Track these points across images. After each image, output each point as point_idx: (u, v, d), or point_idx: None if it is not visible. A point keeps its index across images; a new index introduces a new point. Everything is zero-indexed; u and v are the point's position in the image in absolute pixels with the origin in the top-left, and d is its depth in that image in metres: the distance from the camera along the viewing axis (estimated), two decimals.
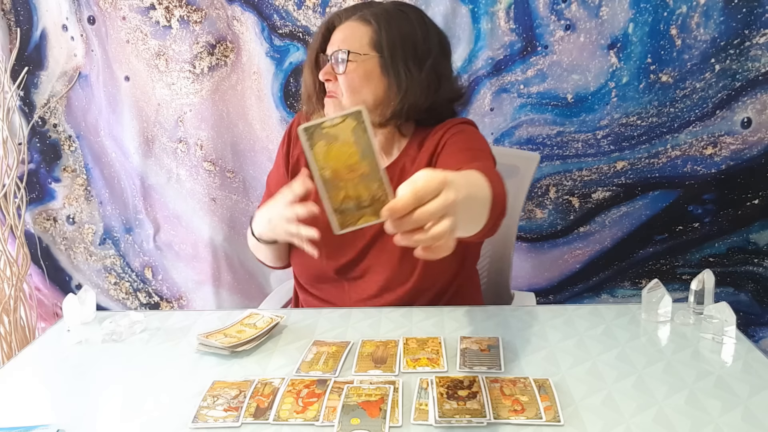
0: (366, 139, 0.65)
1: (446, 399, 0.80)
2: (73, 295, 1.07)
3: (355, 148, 0.65)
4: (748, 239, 1.79)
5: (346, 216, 0.67)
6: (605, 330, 1.00)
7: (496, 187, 0.84)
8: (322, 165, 0.65)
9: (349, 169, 0.65)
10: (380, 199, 0.66)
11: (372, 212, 0.66)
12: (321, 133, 0.65)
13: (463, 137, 1.12)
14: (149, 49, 1.84)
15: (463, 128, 1.14)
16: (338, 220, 0.67)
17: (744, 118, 1.69)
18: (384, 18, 1.12)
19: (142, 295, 2.10)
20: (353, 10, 1.16)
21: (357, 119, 0.65)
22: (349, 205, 0.66)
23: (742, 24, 1.62)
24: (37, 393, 0.89)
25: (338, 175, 0.65)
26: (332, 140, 0.65)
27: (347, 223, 0.67)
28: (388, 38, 1.11)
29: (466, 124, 1.17)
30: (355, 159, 0.65)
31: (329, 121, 0.64)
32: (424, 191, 0.61)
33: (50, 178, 2.00)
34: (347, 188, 0.66)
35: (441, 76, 1.15)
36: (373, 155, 0.65)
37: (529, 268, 1.90)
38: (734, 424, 0.74)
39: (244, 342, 0.96)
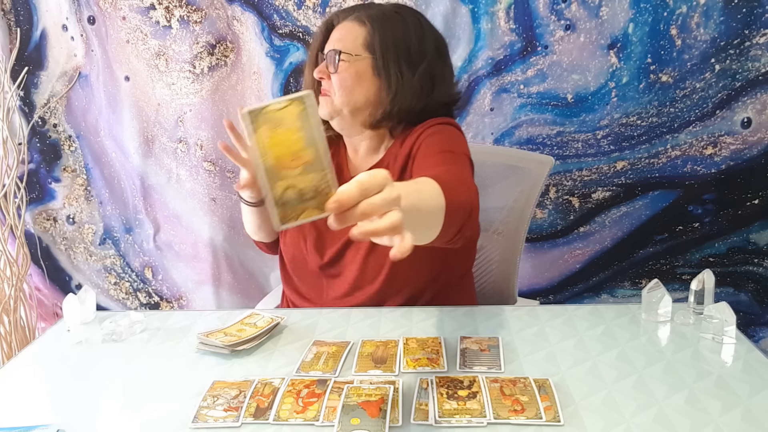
0: (311, 125, 0.62)
1: (446, 399, 0.80)
2: (73, 295, 1.07)
3: (300, 134, 0.62)
4: (748, 239, 1.79)
5: (287, 209, 0.62)
6: (605, 330, 1.00)
7: (454, 194, 0.81)
8: (265, 151, 0.61)
9: (292, 156, 0.62)
10: (323, 191, 0.63)
11: (315, 205, 0.63)
12: (265, 117, 0.62)
13: (439, 138, 1.10)
14: (149, 49, 1.84)
15: (441, 129, 1.13)
16: (279, 214, 0.63)
17: (744, 118, 1.69)
18: (379, 20, 1.13)
19: (142, 295, 2.10)
20: (351, 10, 1.17)
21: (302, 104, 0.62)
22: (291, 197, 0.62)
23: (742, 24, 1.62)
24: (37, 393, 0.89)
25: (281, 163, 0.62)
26: (276, 125, 0.62)
27: (288, 217, 0.63)
28: (381, 40, 1.11)
29: (446, 124, 1.15)
30: (299, 146, 0.62)
31: (274, 104, 0.62)
32: (368, 184, 0.60)
33: (50, 178, 2.00)
34: (289, 178, 0.62)
35: (435, 79, 1.15)
36: (318, 143, 0.63)
37: (529, 268, 1.90)
38: (734, 424, 0.74)
39: (244, 341, 0.96)
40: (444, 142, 1.09)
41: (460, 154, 1.06)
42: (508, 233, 1.40)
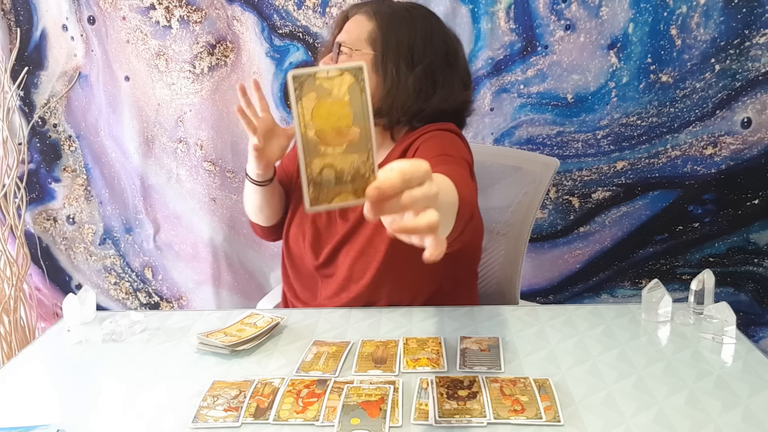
0: (362, 101, 0.57)
1: (446, 399, 0.80)
2: (73, 295, 1.07)
3: (348, 109, 0.57)
4: (748, 239, 1.79)
5: (321, 190, 0.58)
6: (605, 330, 1.00)
7: (464, 192, 0.80)
8: (307, 122, 0.56)
9: (336, 132, 0.57)
10: (364, 176, 0.58)
11: (352, 190, 0.58)
12: (313, 84, 0.56)
13: (437, 142, 1.08)
14: (149, 49, 1.84)
15: (438, 134, 1.11)
16: (312, 194, 0.57)
17: (744, 118, 1.69)
18: (387, 16, 1.13)
19: (142, 295, 2.10)
20: (366, 4, 1.17)
21: (356, 76, 0.57)
22: (329, 176, 0.57)
23: (742, 24, 1.62)
24: (37, 393, 0.89)
25: (323, 137, 0.57)
26: (324, 95, 0.56)
27: (321, 199, 0.58)
28: (383, 36, 1.11)
29: (445, 130, 1.13)
30: (345, 122, 0.57)
31: (324, 71, 0.56)
32: (411, 174, 0.56)
33: (50, 178, 2.00)
34: (329, 156, 0.57)
35: (437, 83, 1.13)
36: (367, 122, 0.57)
37: (529, 268, 1.90)
38: (734, 424, 0.74)
39: (244, 341, 0.96)
40: (441, 146, 1.07)
41: (458, 158, 1.04)
42: (511, 235, 1.39)
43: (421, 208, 0.57)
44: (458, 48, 1.18)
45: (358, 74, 0.57)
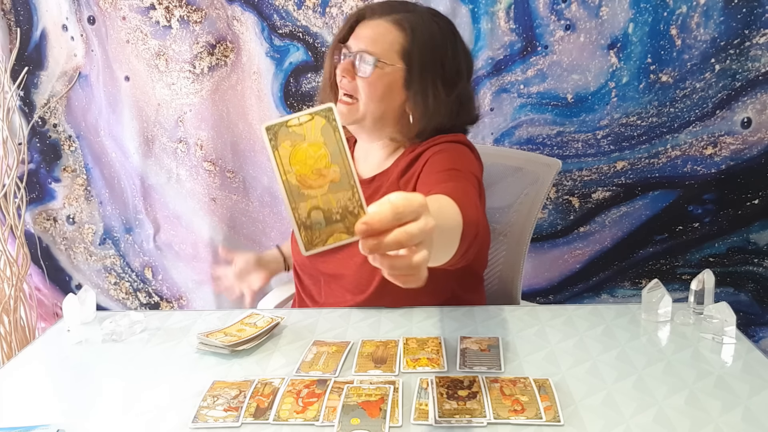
0: (336, 140, 0.58)
1: (446, 399, 0.80)
2: (73, 295, 1.07)
3: (324, 150, 0.58)
4: (748, 239, 1.79)
5: (314, 233, 0.59)
6: (605, 330, 1.00)
7: (468, 213, 0.79)
8: (287, 169, 0.57)
9: (317, 174, 0.58)
10: (353, 212, 0.59)
11: (344, 228, 0.59)
12: (286, 132, 0.58)
13: (446, 156, 1.05)
14: (149, 49, 1.84)
15: (448, 146, 1.08)
16: (305, 238, 0.58)
17: (744, 118, 1.69)
18: (419, 28, 1.07)
19: (142, 295, 2.10)
20: (388, 8, 1.09)
21: (326, 117, 0.58)
22: (318, 218, 0.58)
23: (742, 24, 1.62)
24: (37, 393, 0.89)
25: (305, 181, 0.58)
26: (298, 140, 0.58)
27: (316, 241, 0.59)
28: (419, 53, 1.06)
29: (455, 142, 1.10)
30: (323, 162, 0.58)
31: (295, 118, 0.58)
32: (404, 210, 0.55)
33: (50, 178, 2.00)
34: (315, 198, 0.58)
35: (463, 100, 1.12)
36: (345, 159, 0.58)
37: (529, 268, 1.90)
38: (734, 424, 0.74)
39: (244, 341, 0.96)
40: (451, 159, 1.04)
41: (466, 173, 1.00)
42: (513, 235, 1.39)
43: (415, 244, 0.56)
44: (472, 60, 1.16)
45: (329, 115, 0.58)
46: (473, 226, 0.81)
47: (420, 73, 1.07)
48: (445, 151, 1.07)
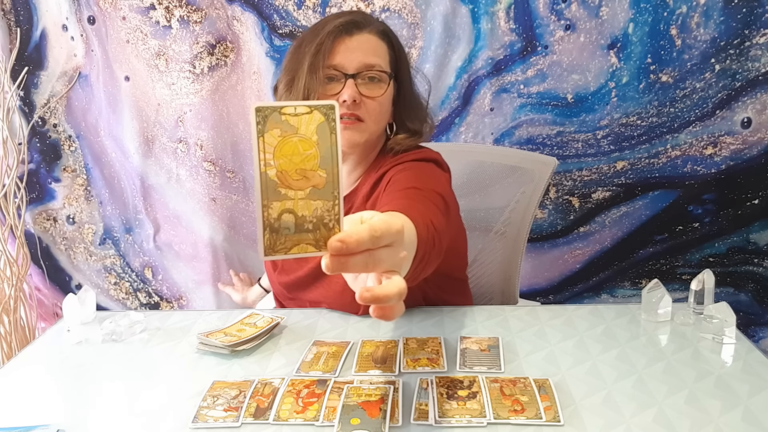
0: (331, 143, 0.52)
1: (446, 399, 0.80)
2: (73, 295, 1.07)
3: (315, 150, 0.52)
4: (748, 239, 1.79)
5: (278, 238, 0.52)
6: (605, 330, 1.00)
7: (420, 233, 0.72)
8: (268, 160, 0.51)
9: (300, 174, 0.52)
10: (327, 225, 0.53)
11: (312, 240, 0.53)
12: (278, 118, 0.51)
13: (407, 175, 1.00)
14: (149, 49, 1.84)
15: (412, 165, 1.04)
16: (267, 241, 0.52)
17: (744, 118, 1.69)
18: (393, 35, 1.06)
19: (142, 295, 2.10)
20: (364, 20, 1.04)
21: (326, 115, 0.52)
22: (288, 223, 0.52)
23: (742, 24, 1.62)
24: (37, 393, 0.89)
25: (285, 179, 0.51)
26: (289, 132, 0.51)
27: (278, 247, 0.52)
28: (402, 61, 1.06)
29: (420, 160, 1.06)
30: (311, 164, 0.52)
31: (292, 107, 0.51)
32: (381, 233, 0.52)
33: (50, 178, 2.00)
34: (292, 200, 0.52)
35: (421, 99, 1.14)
36: (335, 166, 0.52)
37: (529, 268, 1.90)
38: (734, 424, 0.74)
39: (244, 341, 0.96)
40: (412, 178, 0.98)
41: (427, 191, 0.93)
42: (510, 234, 1.40)
43: (385, 271, 0.53)
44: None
45: (330, 113, 0.52)
46: (423, 244, 0.74)
47: (404, 82, 1.08)
48: (407, 169, 1.03)
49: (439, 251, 0.78)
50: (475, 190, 1.42)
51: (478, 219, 1.42)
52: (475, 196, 1.42)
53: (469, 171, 1.43)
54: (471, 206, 1.40)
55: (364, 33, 1.02)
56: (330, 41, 1.00)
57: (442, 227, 0.83)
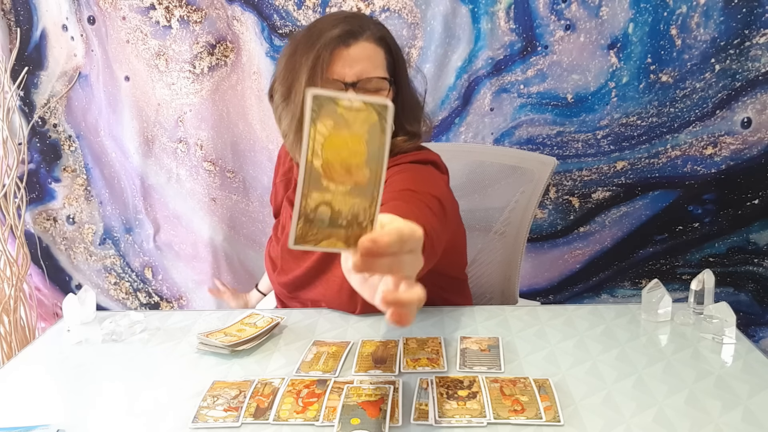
0: (380, 143, 0.52)
1: (446, 399, 0.80)
2: (73, 295, 1.07)
3: (364, 147, 0.51)
4: (748, 239, 1.79)
5: (312, 229, 0.52)
6: (605, 330, 1.00)
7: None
8: (316, 150, 0.51)
9: (345, 169, 0.52)
10: (361, 224, 0.53)
11: (343, 236, 0.53)
12: (333, 110, 0.50)
13: (405, 176, 0.99)
14: (149, 49, 1.84)
15: (409, 167, 1.03)
16: (300, 230, 0.52)
17: (744, 118, 1.69)
18: (390, 38, 1.05)
19: (142, 295, 2.10)
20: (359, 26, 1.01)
21: (380, 114, 0.52)
22: (324, 216, 0.52)
23: (742, 24, 1.62)
24: (37, 393, 0.89)
25: (329, 171, 0.51)
26: (342, 125, 0.51)
27: (309, 238, 0.53)
28: (401, 63, 1.06)
29: (420, 161, 1.06)
30: (357, 160, 0.51)
31: (348, 100, 0.51)
32: (408, 238, 0.53)
33: (50, 178, 2.00)
34: (331, 194, 0.52)
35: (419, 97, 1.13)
36: (380, 167, 0.52)
37: (529, 268, 1.90)
38: (734, 424, 0.74)
39: (244, 341, 0.96)
40: (408, 181, 0.98)
41: (422, 194, 0.93)
42: (510, 234, 1.40)
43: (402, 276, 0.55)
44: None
45: (383, 113, 0.52)
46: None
47: (402, 85, 1.07)
48: (404, 171, 1.02)
49: (430, 255, 0.79)
50: (474, 190, 1.42)
51: (477, 219, 1.42)
52: (475, 196, 1.42)
53: (469, 171, 1.43)
54: (470, 206, 1.40)
55: (361, 41, 1.00)
56: (328, 54, 0.99)
57: (435, 231, 0.83)
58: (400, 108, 1.08)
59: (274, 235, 1.26)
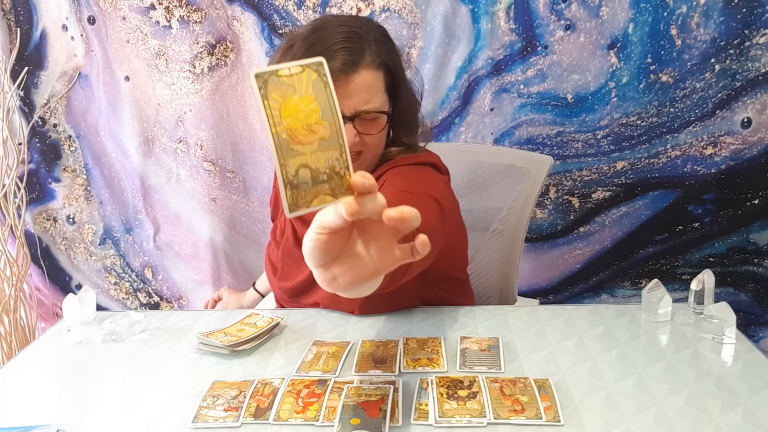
0: (327, 96, 0.56)
1: (446, 399, 0.80)
2: (73, 295, 1.07)
3: (315, 104, 0.56)
4: (748, 239, 1.79)
5: (299, 192, 0.55)
6: (605, 330, 1.00)
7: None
8: (277, 121, 0.54)
9: (307, 129, 0.55)
10: (339, 173, 0.56)
11: (329, 190, 0.56)
12: (277, 81, 0.55)
13: (402, 178, 1.00)
14: (149, 49, 1.84)
15: (407, 169, 1.04)
16: (290, 198, 0.55)
17: (744, 118, 1.69)
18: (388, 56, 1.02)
19: (142, 295, 2.10)
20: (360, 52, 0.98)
21: (317, 71, 0.56)
22: (305, 177, 0.55)
23: (742, 24, 1.62)
24: (37, 393, 0.89)
25: (295, 136, 0.55)
26: (289, 92, 0.55)
27: (300, 202, 0.56)
28: (399, 80, 1.04)
29: (416, 164, 1.06)
30: (314, 118, 0.55)
31: (286, 68, 0.55)
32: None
33: (50, 178, 2.00)
34: (304, 155, 0.55)
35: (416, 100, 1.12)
36: (335, 116, 0.56)
37: (529, 268, 1.90)
38: (734, 424, 0.74)
39: (244, 341, 0.96)
40: (405, 182, 0.98)
41: (419, 195, 0.92)
42: (508, 233, 1.40)
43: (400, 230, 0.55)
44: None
45: (320, 69, 0.56)
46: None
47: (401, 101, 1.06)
48: (402, 173, 1.02)
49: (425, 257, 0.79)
50: (473, 190, 1.43)
51: (476, 219, 1.42)
52: (474, 196, 1.42)
53: (468, 171, 1.43)
54: (469, 206, 1.40)
55: (361, 71, 0.98)
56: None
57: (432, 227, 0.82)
58: (398, 122, 1.08)
59: (272, 239, 1.26)
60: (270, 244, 1.27)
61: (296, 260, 1.16)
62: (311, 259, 0.57)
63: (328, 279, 0.59)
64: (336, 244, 0.57)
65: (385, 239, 0.57)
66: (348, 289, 0.60)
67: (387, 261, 0.58)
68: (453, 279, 1.20)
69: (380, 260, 0.58)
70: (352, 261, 0.58)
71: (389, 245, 0.58)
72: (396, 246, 0.58)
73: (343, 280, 0.58)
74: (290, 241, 1.17)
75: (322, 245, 0.56)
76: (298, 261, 1.15)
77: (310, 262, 0.58)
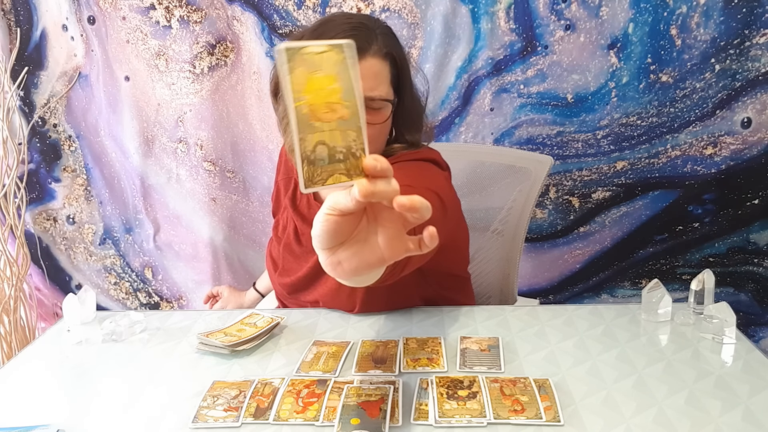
0: (349, 77, 0.57)
1: (446, 399, 0.80)
2: (73, 295, 1.07)
3: (337, 84, 0.57)
4: (748, 239, 1.79)
5: (316, 169, 0.56)
6: (605, 330, 1.00)
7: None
8: (300, 96, 0.55)
9: (328, 107, 0.56)
10: (355, 154, 0.57)
11: (344, 170, 0.57)
12: (303, 58, 0.56)
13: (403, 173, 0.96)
14: (149, 49, 1.84)
15: (408, 165, 1.03)
16: (307, 173, 0.56)
17: (744, 118, 1.69)
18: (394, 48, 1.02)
19: (142, 295, 2.10)
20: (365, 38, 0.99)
21: (343, 53, 0.57)
22: (322, 154, 0.56)
23: (742, 24, 1.62)
24: (37, 393, 0.89)
25: (315, 112, 0.56)
26: (314, 69, 0.56)
27: (316, 179, 0.57)
28: (404, 74, 1.04)
29: (419, 159, 1.06)
30: (335, 97, 0.57)
31: (313, 47, 0.56)
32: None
33: (50, 178, 2.00)
34: (323, 132, 0.56)
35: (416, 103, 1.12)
36: (355, 98, 0.57)
37: (529, 268, 1.90)
38: (734, 424, 0.74)
39: (244, 341, 0.96)
40: (406, 177, 0.96)
41: (420, 189, 0.90)
42: (508, 233, 1.40)
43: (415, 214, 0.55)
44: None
45: (347, 51, 0.57)
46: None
47: (405, 96, 1.06)
48: (402, 168, 1.01)
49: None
50: (474, 190, 1.43)
51: (476, 218, 1.42)
52: (474, 196, 1.42)
53: (468, 171, 1.43)
54: (470, 206, 1.40)
55: (368, 58, 0.99)
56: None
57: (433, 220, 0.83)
58: (401, 118, 1.08)
59: (274, 234, 1.26)
60: (271, 240, 1.27)
61: (297, 256, 1.16)
62: (319, 241, 0.58)
63: (333, 263, 0.59)
64: (346, 227, 0.57)
65: (394, 228, 0.57)
66: (351, 276, 0.60)
67: (394, 250, 0.58)
68: (454, 276, 1.20)
69: (387, 249, 0.58)
70: (359, 247, 0.58)
71: (398, 235, 0.58)
72: (404, 236, 0.58)
73: (348, 266, 0.58)
74: (291, 236, 1.17)
75: (332, 227, 0.56)
76: (299, 257, 1.15)
77: (318, 245, 0.58)
